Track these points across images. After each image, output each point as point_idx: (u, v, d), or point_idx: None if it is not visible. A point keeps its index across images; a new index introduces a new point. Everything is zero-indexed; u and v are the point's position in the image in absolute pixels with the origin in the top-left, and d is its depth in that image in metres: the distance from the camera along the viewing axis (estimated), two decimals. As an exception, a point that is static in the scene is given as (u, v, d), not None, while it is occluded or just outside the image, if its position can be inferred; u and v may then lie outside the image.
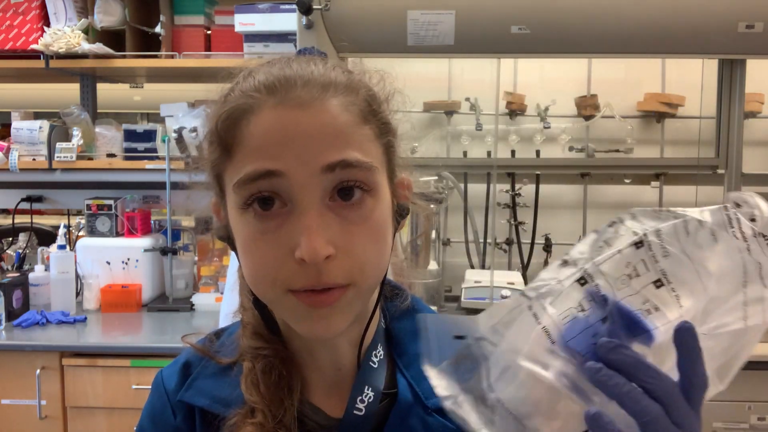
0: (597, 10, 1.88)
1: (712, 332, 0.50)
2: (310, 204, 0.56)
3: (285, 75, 0.58)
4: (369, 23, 1.90)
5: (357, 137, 0.58)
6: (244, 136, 0.57)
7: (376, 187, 0.59)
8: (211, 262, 2.56)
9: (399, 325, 0.72)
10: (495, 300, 2.09)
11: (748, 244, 0.50)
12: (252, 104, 0.57)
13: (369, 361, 0.67)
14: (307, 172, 0.55)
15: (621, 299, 0.49)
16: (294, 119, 0.56)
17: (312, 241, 0.54)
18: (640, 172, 2.49)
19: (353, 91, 0.59)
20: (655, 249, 0.49)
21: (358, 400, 0.64)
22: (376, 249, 0.59)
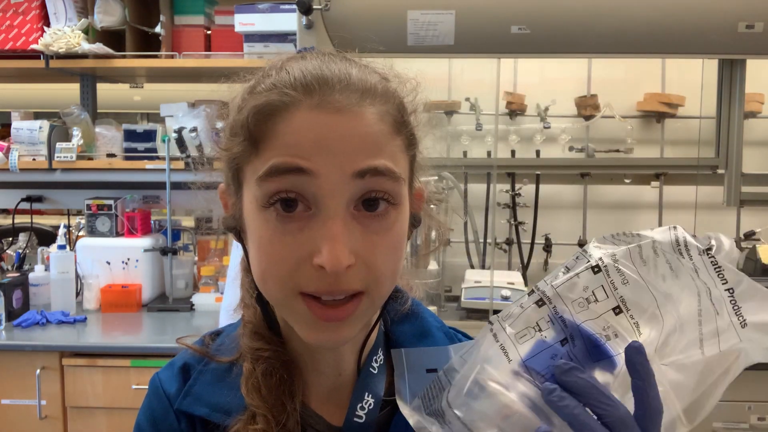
0: (597, 10, 1.89)
1: (675, 363, 0.50)
2: (336, 210, 0.55)
3: (323, 75, 0.56)
4: (369, 23, 1.90)
5: (389, 147, 0.57)
6: (276, 132, 0.55)
7: (400, 199, 0.58)
8: (211, 262, 2.56)
9: (399, 328, 0.70)
10: (495, 300, 2.09)
11: (694, 264, 0.49)
12: (287, 102, 0.56)
13: (369, 366, 0.66)
14: (338, 176, 0.54)
15: (580, 322, 0.49)
16: (331, 123, 0.54)
17: (336, 250, 0.53)
18: (640, 172, 2.49)
19: (388, 101, 0.58)
20: (614, 275, 0.49)
21: (359, 407, 0.63)
22: (393, 260, 0.58)
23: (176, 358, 0.71)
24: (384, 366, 0.67)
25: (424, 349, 0.66)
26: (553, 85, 2.50)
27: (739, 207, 2.33)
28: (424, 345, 0.69)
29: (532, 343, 0.50)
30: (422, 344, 0.69)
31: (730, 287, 0.49)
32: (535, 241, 2.49)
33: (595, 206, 2.54)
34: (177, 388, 0.67)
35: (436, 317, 0.74)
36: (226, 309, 1.78)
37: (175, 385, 0.67)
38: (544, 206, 2.49)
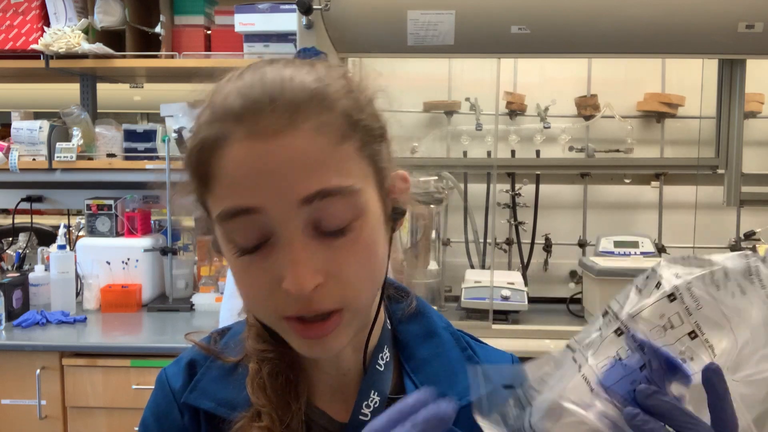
0: (597, 10, 1.88)
1: (746, 379, 0.52)
2: (293, 236, 0.54)
3: (252, 97, 0.54)
4: (369, 23, 1.90)
5: (335, 160, 0.54)
6: (217, 169, 0.55)
7: (361, 207, 0.56)
8: (211, 262, 2.56)
9: (406, 328, 0.71)
10: (495, 300, 2.09)
11: (765, 289, 0.52)
12: (220, 136, 0.54)
13: (375, 364, 0.66)
14: (284, 206, 0.53)
15: (659, 347, 0.51)
16: (264, 152, 0.53)
17: (297, 275, 0.53)
18: (640, 172, 2.49)
19: (328, 108, 0.55)
20: (688, 302, 0.51)
21: (364, 405, 0.63)
22: (368, 268, 0.58)
23: (183, 354, 0.72)
24: (390, 363, 0.67)
25: (499, 366, 0.67)
26: (553, 85, 2.50)
27: (739, 207, 2.33)
28: (431, 345, 0.70)
29: (613, 371, 0.52)
30: (429, 344, 0.70)
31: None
32: (535, 241, 2.49)
33: (595, 206, 2.54)
34: (182, 383, 0.68)
35: (442, 317, 0.74)
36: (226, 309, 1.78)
37: (180, 380, 0.69)
38: (544, 206, 2.49)
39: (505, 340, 1.95)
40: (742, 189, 2.20)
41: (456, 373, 0.68)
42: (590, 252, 2.44)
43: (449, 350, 0.70)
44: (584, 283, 2.30)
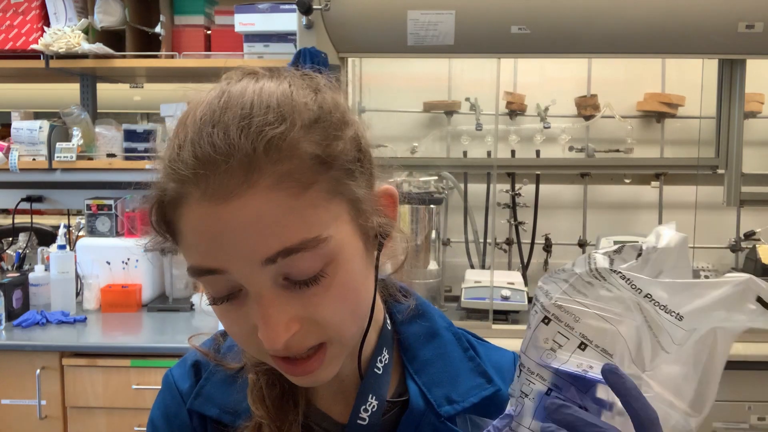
0: (597, 10, 1.89)
1: (655, 372, 0.53)
2: (260, 292, 0.53)
3: (206, 154, 0.50)
4: (369, 23, 1.90)
5: (297, 212, 0.51)
6: (178, 229, 0.54)
7: (331, 253, 0.53)
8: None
9: (408, 329, 0.70)
10: (495, 300, 2.09)
11: (614, 284, 0.52)
12: (176, 196, 0.53)
13: (373, 367, 0.65)
14: (247, 268, 0.52)
15: (557, 367, 0.52)
16: (220, 217, 0.50)
17: (269, 332, 0.53)
18: (640, 172, 2.49)
19: (289, 157, 0.51)
20: (565, 318, 0.52)
21: (362, 410, 0.63)
22: (347, 307, 0.56)
23: (188, 355, 0.72)
24: (390, 366, 0.66)
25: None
26: (553, 85, 2.50)
27: (739, 207, 2.33)
28: (434, 346, 0.69)
29: (524, 409, 0.53)
30: (431, 345, 0.69)
31: (646, 294, 0.51)
32: (535, 241, 2.49)
33: (595, 206, 2.54)
34: (189, 386, 0.68)
35: (444, 317, 0.74)
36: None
37: (187, 382, 0.69)
38: (544, 206, 2.49)
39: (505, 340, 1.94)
40: (742, 189, 2.20)
41: (458, 373, 0.68)
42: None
43: (452, 351, 0.70)
44: (584, 283, 2.30)
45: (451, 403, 0.66)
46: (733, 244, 2.42)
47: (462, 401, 0.66)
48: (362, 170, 0.57)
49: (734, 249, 2.42)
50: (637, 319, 0.52)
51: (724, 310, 0.50)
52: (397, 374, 0.68)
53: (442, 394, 0.66)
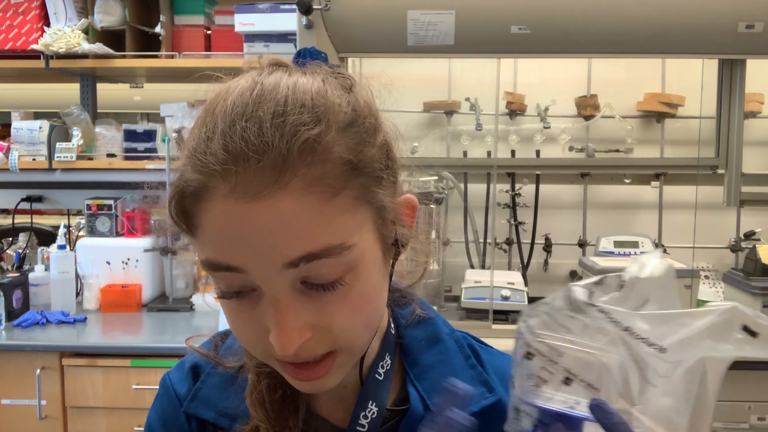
0: (597, 10, 1.88)
1: (645, 407, 0.52)
2: (278, 295, 0.52)
3: (238, 149, 0.49)
4: (369, 23, 1.90)
5: (325, 218, 0.50)
6: (199, 222, 0.52)
7: (353, 261, 0.52)
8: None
9: (411, 333, 0.69)
10: (495, 300, 2.09)
11: (593, 317, 0.51)
12: (202, 189, 0.51)
13: (375, 373, 0.64)
14: (268, 270, 0.50)
15: (542, 405, 0.51)
16: (247, 216, 0.49)
17: (283, 337, 0.51)
18: (640, 172, 2.49)
19: (322, 161, 0.50)
20: (546, 353, 0.51)
21: (361, 416, 0.63)
22: (362, 316, 0.55)
23: (186, 358, 0.71)
24: (391, 372, 0.66)
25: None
26: (553, 85, 2.50)
27: (739, 207, 2.33)
28: (436, 351, 0.68)
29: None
30: (433, 350, 0.68)
31: (626, 327, 0.50)
32: (535, 241, 2.49)
33: (595, 206, 2.54)
34: (187, 389, 0.67)
35: (447, 323, 0.73)
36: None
37: (185, 385, 0.68)
38: (544, 206, 2.49)
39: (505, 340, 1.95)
40: (742, 189, 2.20)
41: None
42: (590, 252, 2.44)
43: (453, 357, 0.69)
44: (584, 283, 2.30)
45: None
46: (733, 244, 2.42)
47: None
48: (389, 178, 0.56)
49: (734, 249, 2.42)
50: (622, 352, 0.51)
51: (710, 339, 0.49)
52: (398, 380, 0.67)
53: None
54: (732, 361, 0.50)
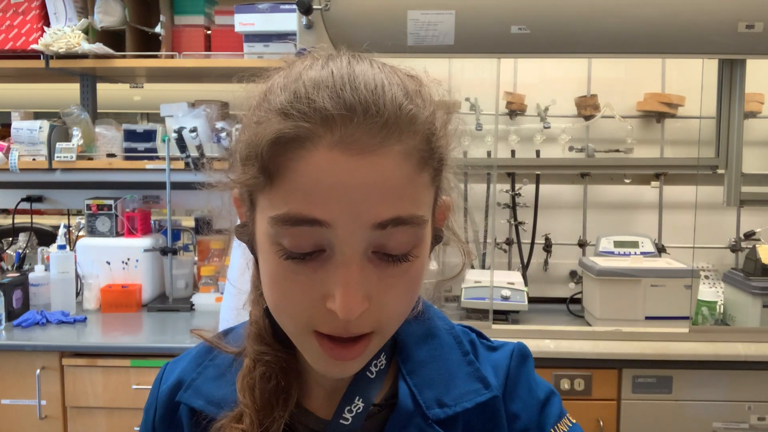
0: (597, 10, 1.88)
1: None
2: (353, 257, 0.52)
3: (346, 103, 0.50)
4: (369, 23, 1.90)
5: (414, 187, 0.53)
6: (291, 169, 0.51)
7: (422, 238, 0.55)
8: (211, 262, 2.56)
9: (406, 329, 0.68)
10: (495, 300, 2.09)
11: None
12: (304, 136, 0.50)
13: (366, 370, 0.64)
14: (356, 227, 0.51)
15: None
16: (351, 168, 0.49)
17: (349, 300, 0.51)
18: (640, 172, 2.49)
19: (414, 133, 0.52)
20: None
21: (346, 410, 0.62)
22: (408, 299, 0.57)
23: (185, 353, 0.73)
24: (384, 371, 0.65)
25: None
26: (553, 85, 2.50)
27: (739, 207, 2.33)
28: (429, 347, 0.68)
29: None
30: (427, 346, 0.68)
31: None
32: (535, 241, 2.49)
33: (595, 206, 2.54)
34: (174, 381, 0.69)
35: (445, 319, 0.73)
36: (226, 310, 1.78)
37: (175, 377, 0.70)
38: (544, 206, 2.49)
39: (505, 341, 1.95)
40: (742, 189, 2.20)
41: (453, 377, 0.66)
42: (590, 252, 2.44)
43: (449, 353, 0.68)
44: (584, 283, 2.30)
45: (442, 406, 0.64)
46: (733, 244, 2.42)
47: (454, 405, 0.64)
48: (446, 172, 0.60)
49: (734, 249, 2.42)
50: None
51: None
52: (391, 376, 0.67)
53: (433, 396, 0.64)
54: None
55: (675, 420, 1.95)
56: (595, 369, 1.95)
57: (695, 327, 2.03)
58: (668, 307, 2.06)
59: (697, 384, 1.94)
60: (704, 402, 1.94)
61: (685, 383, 1.94)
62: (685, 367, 1.93)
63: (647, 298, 2.07)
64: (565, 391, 1.93)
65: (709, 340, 1.96)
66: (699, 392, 1.94)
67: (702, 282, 2.41)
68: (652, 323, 2.05)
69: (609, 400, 1.96)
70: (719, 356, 1.91)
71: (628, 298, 2.08)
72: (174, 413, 0.68)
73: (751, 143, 2.41)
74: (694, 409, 1.95)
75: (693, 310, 2.12)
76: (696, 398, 1.95)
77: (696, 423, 1.95)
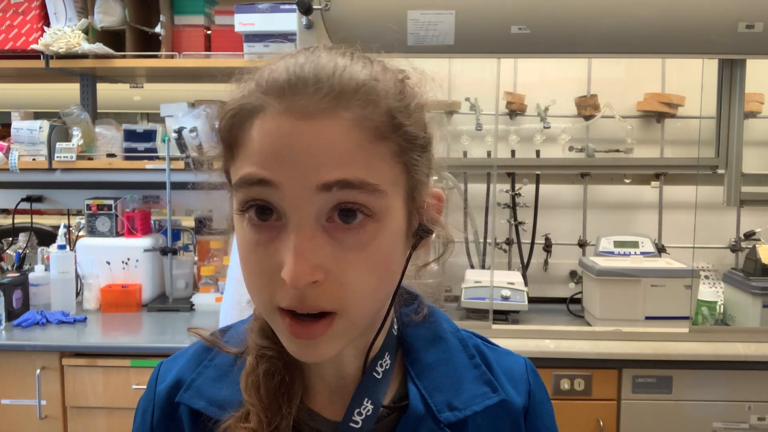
0: (597, 10, 1.88)
1: None
2: (301, 223, 0.52)
3: (297, 75, 0.53)
4: (369, 23, 1.90)
5: (366, 156, 0.53)
6: (246, 138, 0.54)
7: (381, 212, 0.54)
8: (211, 262, 2.56)
9: (413, 332, 0.69)
10: (495, 300, 2.09)
11: None
12: (257, 106, 0.54)
13: (373, 371, 0.64)
14: (301, 188, 0.52)
15: None
16: (296, 131, 0.52)
17: (296, 265, 0.51)
18: (640, 172, 2.48)
19: (372, 103, 0.54)
20: None
21: (356, 413, 0.62)
22: (374, 278, 0.55)
23: (182, 351, 0.72)
24: (390, 371, 0.65)
25: None
26: (553, 85, 2.50)
27: (739, 207, 2.33)
28: (437, 350, 0.68)
29: None
30: (435, 349, 0.68)
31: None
32: (535, 241, 2.49)
33: (595, 206, 2.54)
34: (171, 380, 0.68)
35: (451, 322, 0.73)
36: (227, 307, 1.78)
37: (171, 377, 0.69)
38: (544, 206, 2.49)
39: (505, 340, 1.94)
40: (742, 189, 2.20)
41: (462, 380, 0.67)
42: (590, 252, 2.44)
43: (456, 356, 0.68)
44: (584, 283, 2.30)
45: (453, 410, 0.64)
46: (733, 244, 2.42)
47: (464, 409, 0.64)
48: (424, 159, 0.59)
49: (734, 249, 2.42)
50: None
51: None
52: (398, 378, 0.67)
53: (444, 399, 0.65)
54: None
55: (675, 420, 1.95)
56: (595, 369, 1.95)
57: (695, 327, 2.03)
58: (668, 307, 2.06)
59: (697, 384, 1.94)
60: (704, 402, 1.94)
61: (685, 383, 1.94)
62: (685, 367, 1.93)
63: (647, 298, 2.07)
64: (565, 391, 1.94)
65: (709, 340, 1.96)
66: (699, 392, 1.94)
67: (702, 282, 2.41)
68: (652, 323, 2.05)
69: (609, 400, 1.96)
70: (719, 356, 1.91)
71: (628, 298, 2.08)
72: (173, 414, 0.67)
73: (751, 143, 2.41)
74: (694, 409, 1.95)
75: (693, 310, 2.12)
76: (696, 398, 1.95)
77: (696, 423, 1.95)
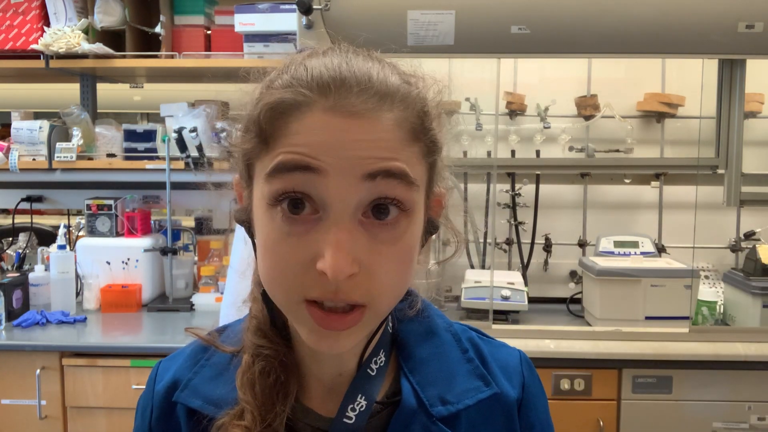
0: (597, 10, 1.88)
1: None
2: (343, 215, 0.53)
3: (341, 75, 0.54)
4: (369, 23, 1.90)
5: (405, 153, 0.55)
6: (287, 131, 0.54)
7: (413, 207, 0.56)
8: (211, 262, 2.56)
9: (406, 327, 0.69)
10: (495, 300, 2.09)
11: None
12: (301, 101, 0.54)
13: (367, 368, 0.64)
14: (347, 176, 0.52)
15: None
16: (344, 126, 0.53)
17: (338, 258, 0.52)
18: (640, 172, 2.49)
19: (408, 106, 0.56)
20: None
21: (349, 408, 0.62)
22: (401, 272, 0.57)
23: (179, 350, 0.72)
24: (384, 368, 0.66)
25: None
26: (553, 85, 2.50)
27: (739, 207, 2.33)
28: (430, 345, 0.69)
29: None
30: (428, 344, 0.69)
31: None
32: (535, 241, 2.49)
33: (595, 206, 2.54)
34: (169, 380, 0.69)
35: (444, 317, 0.73)
36: (227, 306, 1.78)
37: (170, 377, 0.69)
38: (544, 206, 2.49)
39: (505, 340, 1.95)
40: (742, 189, 2.20)
41: (454, 374, 0.67)
42: (590, 252, 2.44)
43: (449, 351, 0.69)
44: (584, 283, 2.30)
45: (445, 404, 0.65)
46: (733, 244, 2.42)
47: (456, 403, 0.65)
48: (440, 162, 0.62)
49: (734, 249, 2.42)
50: None
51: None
52: (392, 374, 0.67)
53: (436, 394, 0.65)
54: None
55: (675, 420, 1.95)
56: (595, 369, 1.95)
57: (695, 327, 2.03)
58: (668, 307, 2.06)
59: (697, 384, 1.94)
60: (704, 402, 1.94)
61: (685, 383, 1.94)
62: (685, 367, 1.93)
63: (647, 298, 2.07)
64: (565, 391, 1.94)
65: (709, 340, 1.96)
66: (699, 392, 1.94)
67: (702, 282, 2.41)
68: (652, 323, 2.05)
69: (609, 400, 1.96)
70: (719, 356, 1.91)
71: (628, 298, 2.08)
72: (171, 413, 0.67)
73: (751, 143, 2.41)
74: (694, 409, 1.95)
75: (693, 310, 2.12)
76: (696, 398, 1.95)
77: (696, 423, 1.95)
